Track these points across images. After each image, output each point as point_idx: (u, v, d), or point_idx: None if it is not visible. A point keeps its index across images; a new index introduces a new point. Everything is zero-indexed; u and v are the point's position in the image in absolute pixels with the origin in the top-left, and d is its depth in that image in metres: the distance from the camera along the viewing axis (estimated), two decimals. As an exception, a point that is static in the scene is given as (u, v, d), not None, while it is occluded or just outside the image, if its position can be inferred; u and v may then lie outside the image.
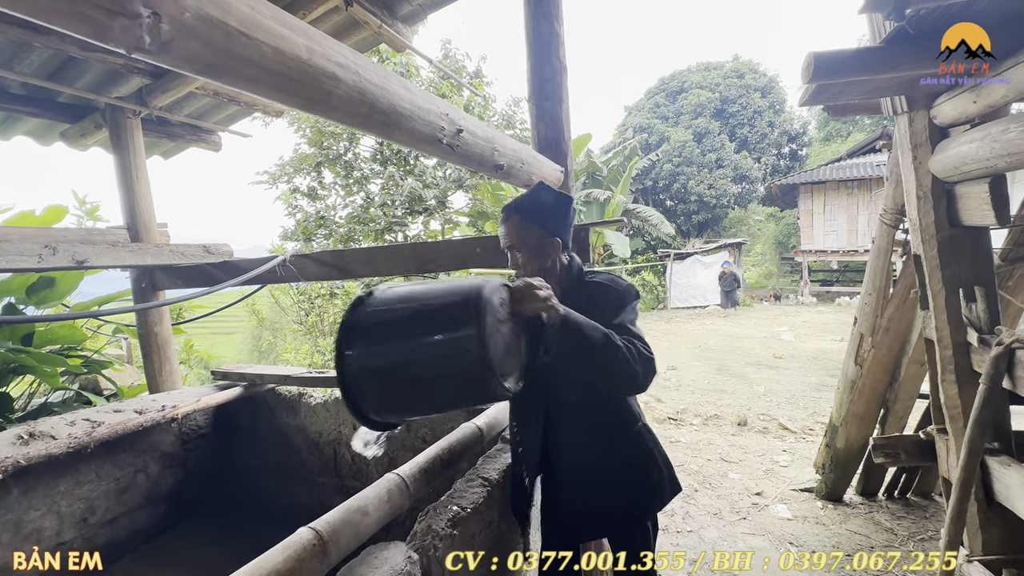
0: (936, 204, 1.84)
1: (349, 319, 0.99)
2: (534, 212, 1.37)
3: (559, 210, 1.40)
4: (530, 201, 1.38)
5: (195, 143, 3.59)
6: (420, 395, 1.00)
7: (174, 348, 3.24)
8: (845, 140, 24.21)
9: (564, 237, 1.41)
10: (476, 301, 0.93)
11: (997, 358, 1.65)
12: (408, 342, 0.95)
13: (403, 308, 0.97)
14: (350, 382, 0.98)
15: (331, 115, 0.84)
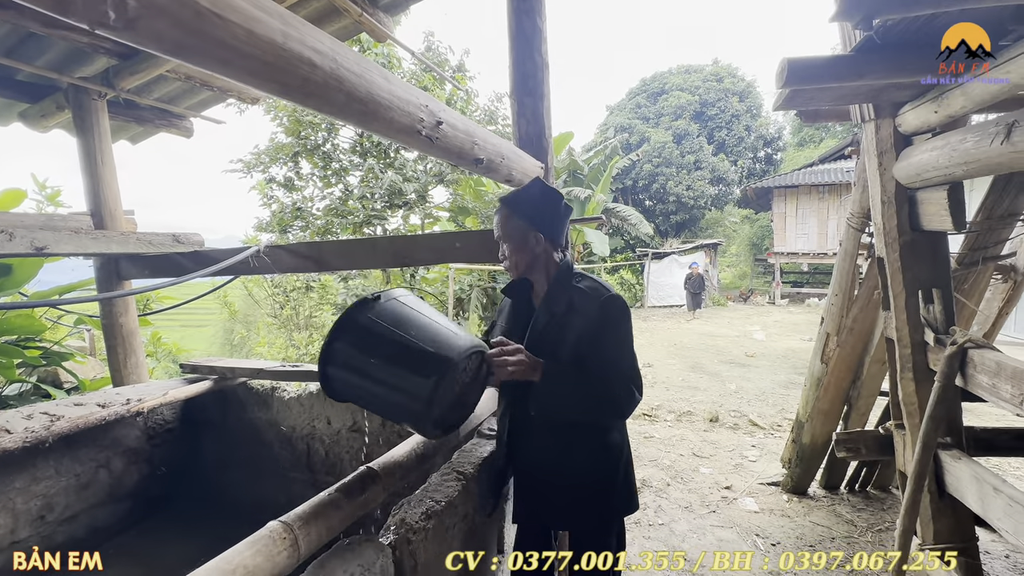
0: (899, 209, 1.92)
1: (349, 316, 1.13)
2: (522, 206, 1.38)
3: (546, 205, 1.40)
4: (520, 195, 1.40)
5: (165, 128, 3.47)
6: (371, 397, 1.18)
7: (140, 340, 3.13)
8: (818, 146, 24.96)
9: (551, 233, 1.40)
10: (444, 366, 1.09)
11: (951, 357, 1.73)
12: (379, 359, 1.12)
13: (390, 332, 1.12)
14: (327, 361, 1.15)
15: (307, 102, 0.83)
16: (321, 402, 2.73)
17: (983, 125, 1.44)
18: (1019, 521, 1.54)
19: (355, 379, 1.15)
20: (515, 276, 1.46)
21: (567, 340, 1.32)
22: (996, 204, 2.20)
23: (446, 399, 1.16)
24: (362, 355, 1.12)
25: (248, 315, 11.18)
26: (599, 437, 1.41)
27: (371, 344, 1.12)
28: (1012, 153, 1.32)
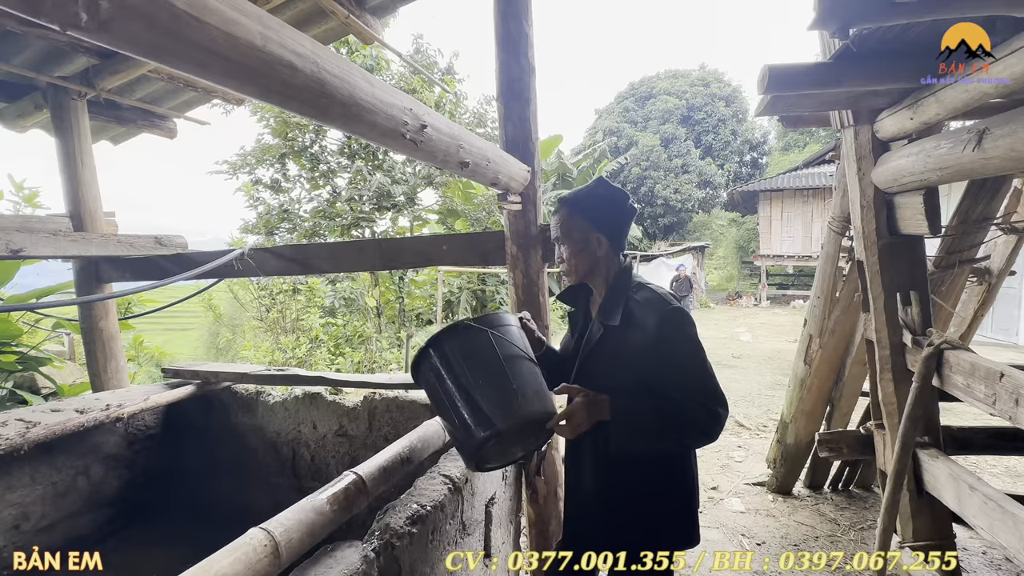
0: (877, 213, 1.96)
1: (448, 333, 1.20)
2: (584, 206, 1.30)
3: (612, 207, 1.31)
4: (582, 194, 1.32)
5: (147, 129, 3.42)
6: (436, 403, 1.23)
7: (121, 344, 3.07)
8: (802, 150, 25.37)
9: (613, 236, 1.32)
10: (490, 428, 1.09)
11: (928, 358, 1.77)
12: (449, 385, 1.16)
13: (460, 370, 1.15)
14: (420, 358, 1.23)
15: (288, 105, 0.83)
16: (307, 407, 2.70)
17: (956, 132, 1.48)
18: (994, 518, 1.58)
19: (432, 381, 1.20)
20: (573, 281, 1.39)
21: (625, 356, 1.22)
22: (971, 208, 2.26)
23: (491, 451, 1.17)
24: (440, 373, 1.17)
25: (233, 318, 11.02)
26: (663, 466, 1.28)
27: (447, 368, 1.16)
28: (983, 159, 1.36)
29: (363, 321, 9.29)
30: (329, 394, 2.70)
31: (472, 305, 12.36)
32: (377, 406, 2.56)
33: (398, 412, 2.54)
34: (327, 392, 2.72)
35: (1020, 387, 1.40)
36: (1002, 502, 1.56)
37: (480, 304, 12.81)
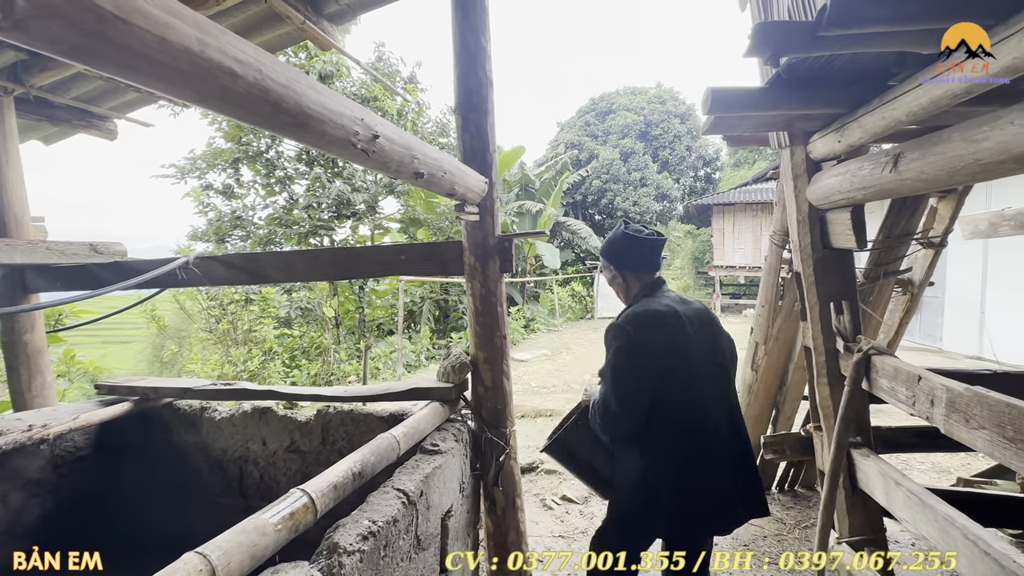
0: (812, 228, 2.10)
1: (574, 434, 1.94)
2: (605, 252, 1.80)
3: (618, 248, 1.76)
4: (605, 243, 1.81)
5: (84, 129, 3.22)
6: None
7: (48, 359, 2.85)
8: (752, 167, 26.76)
9: (629, 269, 1.76)
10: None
11: (857, 363, 1.90)
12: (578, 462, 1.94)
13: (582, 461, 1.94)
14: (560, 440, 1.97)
15: (228, 111, 0.81)
16: (256, 422, 2.59)
17: (877, 155, 1.62)
18: (916, 511, 1.70)
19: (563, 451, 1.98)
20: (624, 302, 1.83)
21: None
22: (894, 225, 2.45)
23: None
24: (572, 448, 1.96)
25: (180, 330, 10.43)
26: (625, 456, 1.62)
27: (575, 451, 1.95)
28: (899, 180, 1.49)
29: (320, 332, 9.01)
30: (281, 408, 2.60)
31: (435, 315, 12.23)
32: (331, 420, 2.49)
33: (353, 426, 2.48)
34: (278, 406, 2.62)
35: (935, 389, 1.52)
36: (923, 496, 1.68)
37: (443, 314, 12.69)
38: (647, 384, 1.46)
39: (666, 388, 1.48)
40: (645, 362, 1.47)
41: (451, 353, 2.30)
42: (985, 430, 1.31)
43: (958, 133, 1.23)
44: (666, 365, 1.48)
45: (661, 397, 1.47)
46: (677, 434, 1.49)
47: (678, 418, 1.49)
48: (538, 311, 14.65)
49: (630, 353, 1.48)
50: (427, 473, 1.76)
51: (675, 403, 1.49)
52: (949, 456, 4.24)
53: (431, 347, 10.13)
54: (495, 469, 2.26)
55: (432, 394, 2.21)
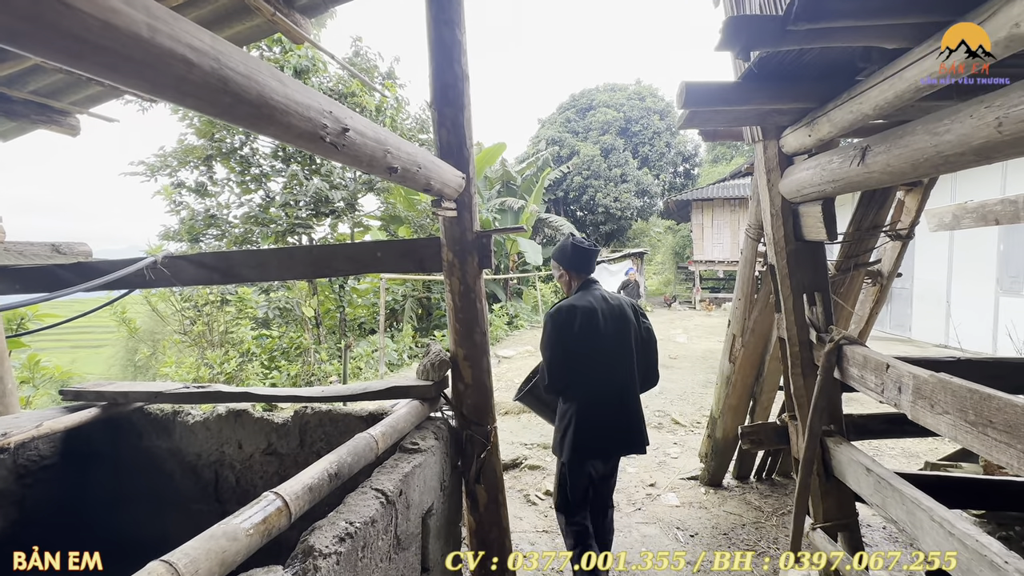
0: (785, 221, 2.14)
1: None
2: (556, 256, 2.35)
3: (567, 254, 2.31)
4: (556, 249, 2.37)
5: (44, 125, 3.08)
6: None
7: (9, 365, 2.74)
8: (729, 163, 27.21)
9: (573, 270, 2.30)
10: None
11: (828, 353, 1.95)
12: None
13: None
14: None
15: (185, 102, 0.77)
16: (231, 425, 2.53)
17: (845, 148, 1.65)
18: (886, 495, 1.75)
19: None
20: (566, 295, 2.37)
21: None
22: (863, 217, 2.51)
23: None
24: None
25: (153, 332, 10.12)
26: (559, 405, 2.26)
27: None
28: (866, 173, 1.52)
29: (300, 332, 8.85)
30: (257, 410, 2.55)
31: (418, 313, 12.14)
32: (309, 421, 2.45)
33: (332, 426, 2.44)
34: (255, 408, 2.56)
35: (902, 376, 1.57)
36: (892, 480, 1.73)
37: (426, 312, 12.60)
38: (561, 356, 2.13)
39: (577, 359, 2.13)
40: (559, 340, 2.13)
41: (431, 351, 2.28)
42: (949, 415, 1.35)
43: (921, 127, 1.26)
44: (576, 343, 2.12)
45: (572, 365, 2.13)
46: (583, 390, 2.16)
47: (584, 380, 2.15)
48: (521, 308, 14.66)
49: (551, 336, 2.15)
50: (406, 472, 1.74)
51: (583, 370, 2.14)
52: (918, 441, 4.39)
53: (414, 346, 10.05)
54: (477, 466, 2.25)
55: (412, 392, 2.18)
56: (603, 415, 2.15)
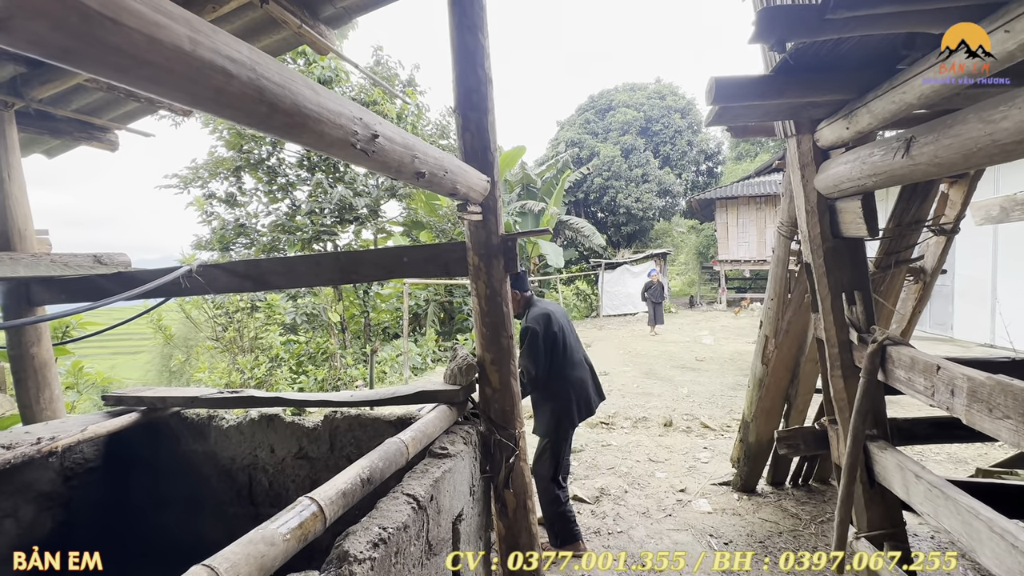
0: (821, 218, 2.06)
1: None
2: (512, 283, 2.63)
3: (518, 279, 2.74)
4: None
5: (85, 141, 3.23)
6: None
7: (55, 371, 2.85)
8: (754, 160, 26.63)
9: (522, 289, 2.86)
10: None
11: (872, 354, 1.86)
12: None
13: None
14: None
15: (223, 113, 0.78)
16: (264, 429, 2.58)
17: (887, 140, 1.58)
18: (938, 504, 1.66)
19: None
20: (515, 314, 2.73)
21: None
22: (904, 212, 2.41)
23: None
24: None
25: (187, 339, 10.47)
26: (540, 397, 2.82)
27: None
28: (911, 165, 1.45)
29: (326, 337, 9.01)
30: (288, 415, 2.59)
31: (440, 317, 12.23)
32: (339, 425, 2.47)
33: (361, 431, 2.46)
34: (286, 413, 2.60)
35: (955, 379, 1.48)
36: (945, 488, 1.64)
37: (448, 316, 12.68)
38: (545, 350, 2.71)
39: (555, 351, 2.75)
40: (544, 338, 2.71)
41: (457, 355, 2.28)
42: (1010, 419, 1.27)
43: (973, 115, 1.19)
44: (554, 340, 2.75)
45: (552, 357, 2.74)
46: (562, 373, 2.76)
47: (562, 365, 2.77)
48: (543, 310, 14.54)
49: (537, 336, 2.70)
50: (437, 477, 1.74)
51: (560, 357, 2.77)
52: (964, 446, 4.18)
53: (436, 349, 10.12)
54: (505, 471, 2.23)
55: (439, 397, 2.19)
56: (579, 388, 2.81)
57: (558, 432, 2.75)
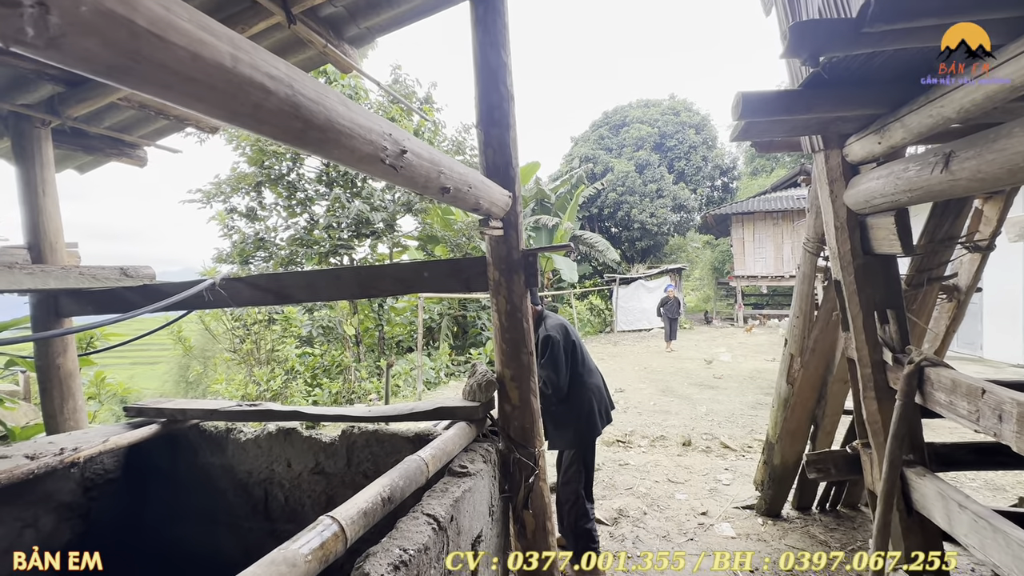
0: (851, 234, 2.01)
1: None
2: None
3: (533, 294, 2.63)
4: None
5: (116, 158, 3.32)
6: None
7: (79, 382, 2.90)
8: (769, 175, 26.41)
9: (536, 303, 2.76)
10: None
11: (909, 376, 1.79)
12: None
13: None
14: None
15: (260, 129, 0.79)
16: (281, 443, 2.57)
17: (924, 155, 1.54)
18: (985, 536, 1.57)
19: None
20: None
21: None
22: (936, 228, 2.34)
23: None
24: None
25: (205, 350, 10.62)
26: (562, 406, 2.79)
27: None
28: (951, 181, 1.40)
29: (341, 350, 9.06)
30: (305, 429, 2.58)
31: (453, 331, 12.22)
32: (356, 440, 2.45)
33: (378, 446, 2.43)
34: (302, 427, 2.59)
35: (1002, 403, 1.41)
36: (992, 520, 1.55)
37: (461, 330, 12.68)
38: (565, 359, 2.74)
39: (575, 359, 2.80)
40: (564, 349, 2.75)
41: (477, 371, 2.25)
42: (1067, 448, 1.20)
43: (1020, 128, 1.15)
44: (572, 348, 2.80)
45: (572, 366, 2.79)
46: (581, 380, 2.80)
47: (580, 373, 2.81)
48: (557, 325, 14.47)
49: (559, 345, 2.72)
50: (457, 497, 1.70)
51: (579, 366, 2.82)
52: (1002, 473, 3.99)
53: (450, 364, 10.10)
54: (524, 491, 2.18)
55: (458, 413, 2.15)
56: (598, 395, 2.85)
57: (584, 441, 2.77)
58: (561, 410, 2.79)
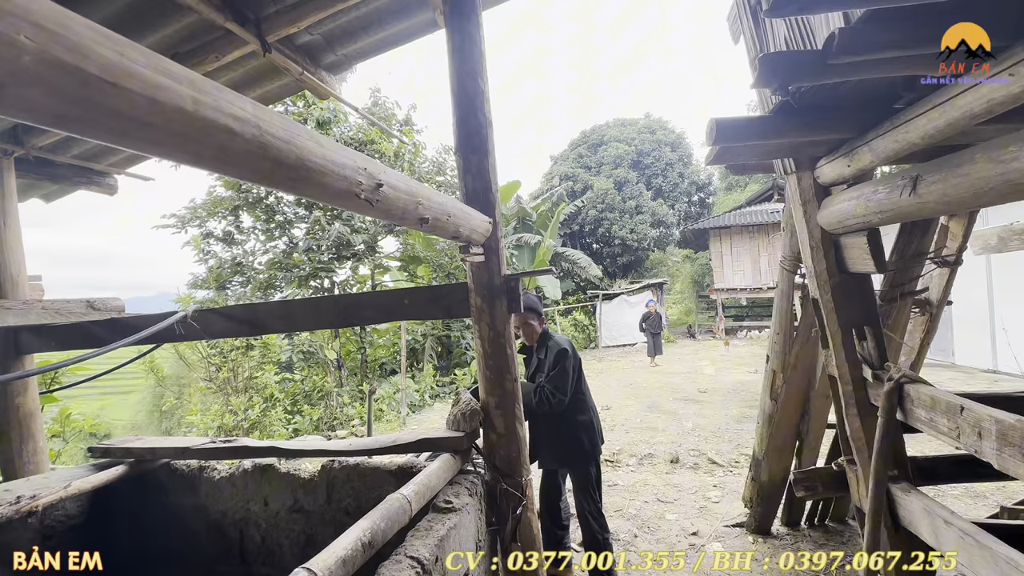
0: (826, 253, 2.05)
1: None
2: (534, 309, 2.84)
3: (537, 304, 2.88)
4: (531, 303, 2.80)
5: (84, 186, 3.23)
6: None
7: (41, 423, 2.75)
8: (743, 190, 27.12)
9: (541, 315, 2.92)
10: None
11: (889, 393, 1.81)
12: None
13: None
14: None
15: (227, 171, 0.76)
16: (257, 481, 2.46)
17: (892, 178, 1.58)
18: (972, 553, 1.57)
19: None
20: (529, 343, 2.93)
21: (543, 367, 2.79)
22: (906, 245, 2.40)
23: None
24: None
25: (180, 378, 10.25)
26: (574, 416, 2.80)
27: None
28: (919, 203, 1.44)
29: (323, 375, 8.85)
30: (283, 465, 2.48)
31: (437, 352, 12.08)
32: (336, 476, 2.36)
33: (360, 481, 2.35)
34: (280, 463, 2.49)
35: (981, 420, 1.43)
36: (978, 536, 1.56)
37: (445, 350, 12.53)
38: (572, 375, 2.75)
39: (580, 373, 2.85)
40: (574, 364, 2.78)
41: (460, 399, 2.20)
42: (1046, 466, 1.21)
43: (982, 154, 1.19)
44: (579, 362, 2.85)
45: (580, 379, 2.84)
46: (585, 393, 2.87)
47: (584, 387, 2.88)
48: (542, 343, 14.42)
49: (571, 358, 2.75)
50: (441, 536, 1.64)
51: (584, 380, 2.88)
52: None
53: (435, 385, 9.94)
54: (512, 523, 2.12)
55: (443, 445, 2.10)
56: (596, 417, 2.90)
57: (596, 450, 2.80)
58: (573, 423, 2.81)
